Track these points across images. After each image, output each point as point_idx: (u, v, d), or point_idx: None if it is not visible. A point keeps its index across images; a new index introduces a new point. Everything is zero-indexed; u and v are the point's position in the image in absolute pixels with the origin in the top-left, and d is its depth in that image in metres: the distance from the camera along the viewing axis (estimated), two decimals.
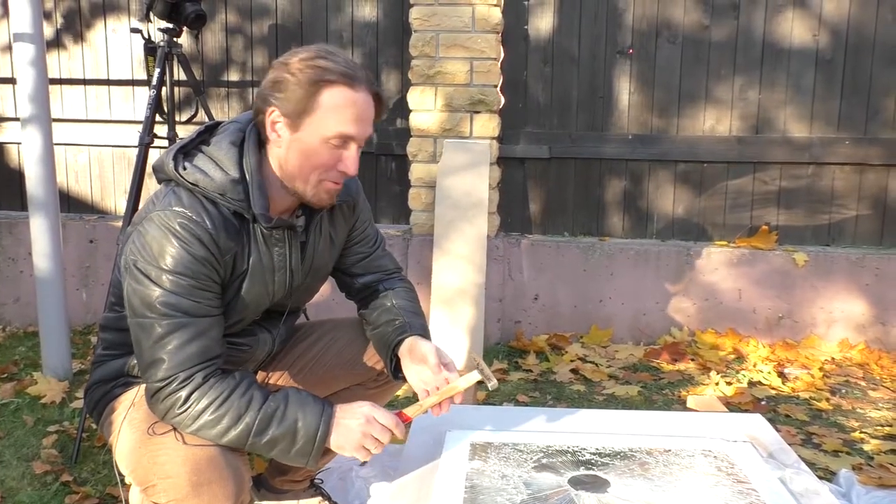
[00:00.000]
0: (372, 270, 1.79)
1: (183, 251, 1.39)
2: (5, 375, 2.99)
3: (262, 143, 1.50)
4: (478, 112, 3.36)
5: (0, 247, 3.69)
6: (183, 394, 1.39)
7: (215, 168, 1.44)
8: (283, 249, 1.55)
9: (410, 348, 1.62)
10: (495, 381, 1.56)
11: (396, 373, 1.68)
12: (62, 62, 3.78)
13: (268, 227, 1.49)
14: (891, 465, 2.30)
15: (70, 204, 3.84)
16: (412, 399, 1.78)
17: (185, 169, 1.44)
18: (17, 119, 2.77)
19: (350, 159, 1.46)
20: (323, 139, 1.44)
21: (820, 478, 2.05)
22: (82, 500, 2.08)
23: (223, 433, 1.39)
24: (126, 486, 1.65)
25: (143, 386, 1.51)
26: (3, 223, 3.69)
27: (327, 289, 1.85)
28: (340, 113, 1.43)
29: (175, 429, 1.43)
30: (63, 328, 2.87)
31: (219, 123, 1.55)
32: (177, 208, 1.41)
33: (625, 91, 3.46)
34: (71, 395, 2.77)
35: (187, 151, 1.48)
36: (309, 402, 1.44)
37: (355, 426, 1.44)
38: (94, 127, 3.77)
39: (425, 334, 1.68)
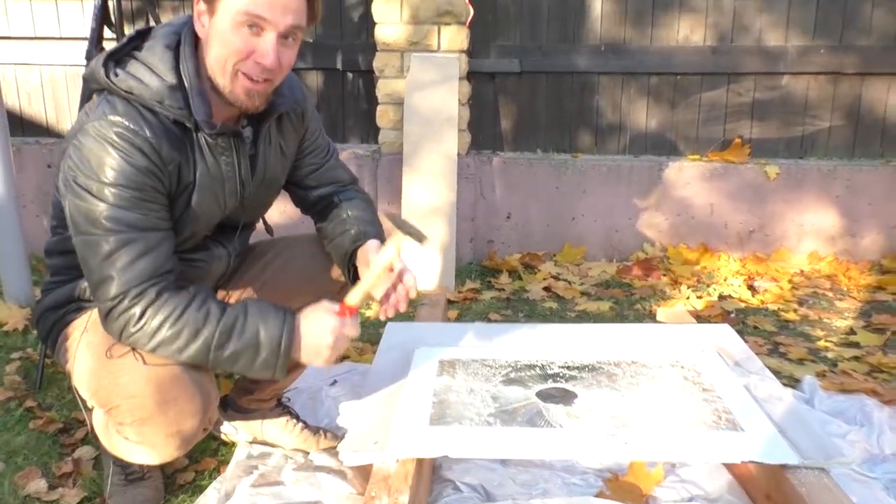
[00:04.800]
0: (325, 182, 1.75)
1: (123, 162, 1.33)
2: None
3: (199, 47, 1.42)
4: (446, 24, 3.23)
5: None
6: (137, 310, 1.35)
7: (150, 74, 1.36)
8: (231, 159, 1.49)
9: (363, 256, 1.59)
10: (427, 237, 1.45)
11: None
12: None
13: (211, 135, 1.42)
14: (853, 371, 2.34)
15: (24, 128, 3.69)
16: (381, 324, 1.75)
17: (116, 76, 1.35)
18: None
19: (265, 47, 1.35)
20: (233, 20, 1.33)
21: (784, 385, 2.08)
22: (47, 424, 2.06)
23: (182, 349, 1.36)
24: (89, 410, 1.63)
25: (97, 309, 1.47)
26: None
27: (294, 208, 1.80)
28: None
29: (134, 349, 1.39)
30: (22, 254, 2.79)
31: (151, 28, 1.45)
32: (112, 118, 1.33)
33: None
34: (34, 321, 2.71)
35: (119, 58, 1.39)
36: (270, 311, 1.41)
37: (321, 337, 1.42)
38: (44, 44, 3.59)
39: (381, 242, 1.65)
